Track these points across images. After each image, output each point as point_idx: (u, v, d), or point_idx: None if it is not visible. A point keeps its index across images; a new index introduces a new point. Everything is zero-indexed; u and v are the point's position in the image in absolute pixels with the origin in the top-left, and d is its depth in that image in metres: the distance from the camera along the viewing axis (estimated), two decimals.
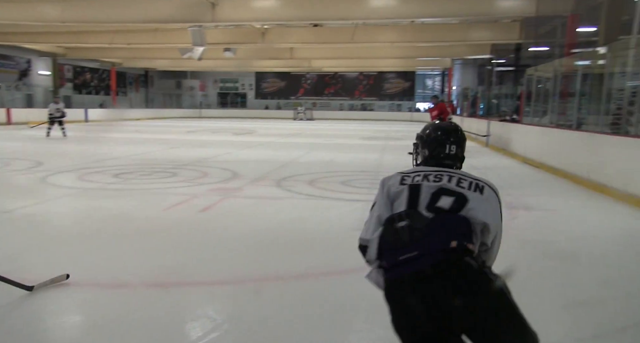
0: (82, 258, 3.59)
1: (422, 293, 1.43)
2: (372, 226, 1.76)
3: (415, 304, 1.43)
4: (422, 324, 1.42)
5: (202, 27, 15.90)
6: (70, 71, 32.47)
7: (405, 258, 1.49)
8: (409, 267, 1.48)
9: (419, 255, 1.48)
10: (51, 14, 15.34)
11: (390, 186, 1.79)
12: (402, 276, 1.49)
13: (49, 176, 7.10)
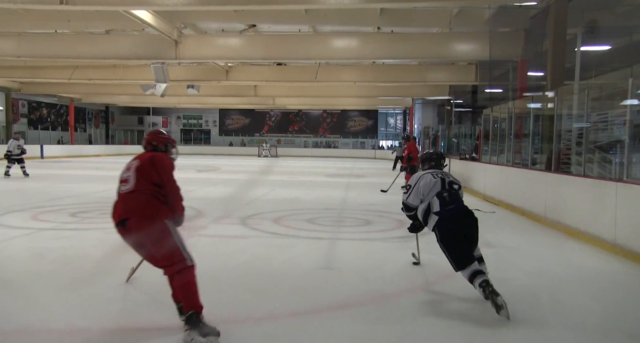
0: (35, 303, 3.39)
1: (459, 221, 3.67)
2: (413, 197, 3.87)
3: (458, 226, 3.65)
4: (460, 233, 3.63)
5: (165, 64, 15.91)
6: (25, 105, 31.51)
7: (449, 208, 3.69)
8: (451, 212, 3.68)
9: (454, 208, 3.71)
10: (5, 48, 14.97)
11: (425, 178, 3.87)
12: (450, 215, 3.67)
13: (0, 216, 6.75)
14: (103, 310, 3.31)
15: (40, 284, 3.90)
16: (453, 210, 3.66)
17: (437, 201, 3.68)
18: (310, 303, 3.58)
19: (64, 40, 14.73)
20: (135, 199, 3.01)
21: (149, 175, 3.06)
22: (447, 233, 3.61)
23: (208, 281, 4.01)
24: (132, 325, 3.11)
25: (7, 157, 13.22)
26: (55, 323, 3.04)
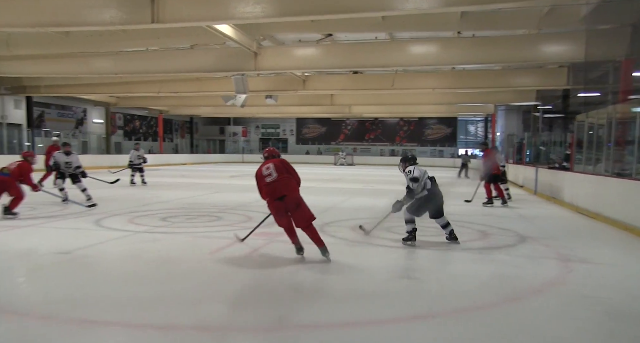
0: (130, 299, 3.60)
1: (437, 194, 5.81)
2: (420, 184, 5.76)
3: (437, 197, 5.79)
4: (437, 202, 5.82)
5: (244, 76, 16.54)
6: (121, 118, 34.29)
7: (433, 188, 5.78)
8: (433, 190, 5.76)
9: (435, 187, 5.82)
10: (105, 67, 16.39)
11: (420, 169, 5.90)
12: (434, 192, 5.76)
13: (102, 219, 7.33)
14: (193, 309, 3.43)
15: (137, 282, 4.14)
16: (435, 190, 5.85)
17: (429, 182, 5.83)
18: (388, 311, 3.49)
19: (153, 56, 15.83)
20: (286, 184, 5.04)
21: (285, 169, 5.20)
22: (426, 202, 5.81)
23: (287, 286, 4.07)
24: (221, 325, 3.19)
25: (130, 166, 14.20)
26: (151, 319, 3.20)
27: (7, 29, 10.81)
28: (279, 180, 4.99)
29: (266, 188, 4.98)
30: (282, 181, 4.99)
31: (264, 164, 5.20)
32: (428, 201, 5.75)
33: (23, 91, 23.41)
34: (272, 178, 4.99)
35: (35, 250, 5.27)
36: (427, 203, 5.76)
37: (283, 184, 4.99)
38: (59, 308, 3.41)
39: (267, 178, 5.00)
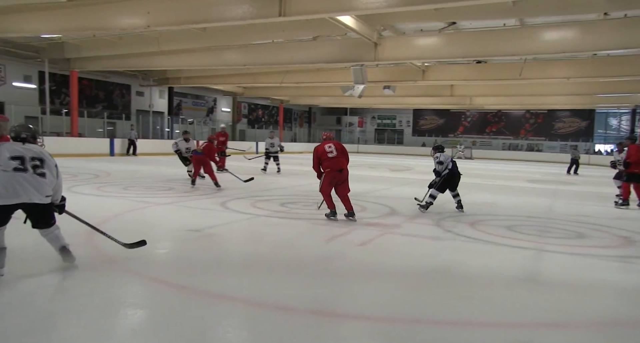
0: (249, 278, 3.86)
1: (456, 174, 7.57)
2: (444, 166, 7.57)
3: (456, 176, 7.55)
4: (455, 180, 7.60)
5: (363, 66, 16.58)
6: (245, 107, 36.63)
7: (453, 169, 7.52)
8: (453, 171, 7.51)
9: (455, 168, 7.54)
10: (235, 58, 17.61)
11: (448, 156, 7.69)
12: (453, 172, 7.49)
13: (228, 202, 7.94)
14: (304, 292, 3.56)
15: (257, 263, 4.42)
16: (455, 170, 7.52)
17: (451, 164, 7.51)
18: (519, 315, 3.27)
19: (278, 48, 16.59)
20: (343, 161, 6.57)
21: (342, 149, 6.65)
22: (448, 179, 7.49)
23: (399, 279, 4.02)
24: (329, 310, 3.27)
25: (266, 154, 14.69)
26: (265, 298, 3.39)
27: (160, 28, 12.14)
28: (339, 157, 6.48)
29: (329, 161, 6.44)
30: (341, 158, 6.52)
31: (326, 143, 6.61)
32: (450, 178, 7.49)
33: (166, 83, 26.17)
34: (333, 154, 6.44)
35: (172, 226, 5.89)
36: (449, 179, 7.50)
37: (342, 161, 6.51)
38: (191, 280, 3.77)
39: (329, 154, 6.46)
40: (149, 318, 3.09)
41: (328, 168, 6.42)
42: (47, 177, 3.72)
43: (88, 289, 3.48)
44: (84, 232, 5.13)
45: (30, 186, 3.60)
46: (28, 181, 3.60)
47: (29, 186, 3.59)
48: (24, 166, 3.61)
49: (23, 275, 3.74)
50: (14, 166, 3.58)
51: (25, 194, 3.57)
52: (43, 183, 3.68)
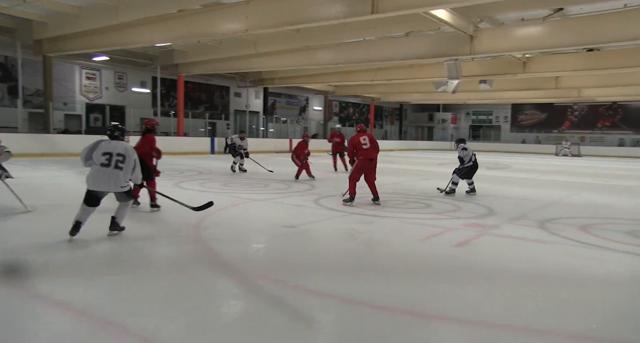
0: (342, 275, 3.89)
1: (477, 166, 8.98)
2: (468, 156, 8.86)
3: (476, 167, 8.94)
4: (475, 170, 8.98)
5: (458, 61, 15.95)
6: (337, 106, 37.02)
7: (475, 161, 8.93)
8: (476, 162, 8.93)
9: (476, 160, 8.94)
10: (327, 58, 17.87)
11: (470, 149, 8.95)
12: (476, 163, 8.92)
13: (320, 199, 8.09)
14: (401, 291, 3.51)
15: (351, 259, 4.45)
16: (477, 162, 8.85)
17: (474, 157, 8.78)
18: (618, 329, 2.95)
19: (370, 46, 16.53)
20: (375, 151, 7.53)
21: (374, 141, 7.56)
22: (471, 169, 8.80)
23: (500, 282, 3.80)
24: (426, 311, 3.18)
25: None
26: (363, 297, 3.39)
27: (257, 31, 12.69)
28: (371, 148, 7.50)
29: (363, 151, 7.44)
30: (374, 149, 7.53)
31: (361, 136, 7.57)
32: (472, 169, 8.85)
33: (262, 83, 27.30)
34: (367, 146, 7.46)
35: (268, 222, 6.12)
36: (471, 170, 8.84)
37: (373, 151, 7.52)
38: (286, 274, 3.90)
39: (363, 145, 7.46)
40: (246, 309, 3.24)
41: (361, 156, 7.45)
42: (124, 170, 4.72)
43: (192, 278, 3.74)
44: (192, 228, 5.51)
45: (110, 179, 4.65)
46: (108, 175, 4.65)
47: (108, 180, 4.65)
48: (109, 161, 4.66)
49: (127, 271, 4.12)
50: (101, 162, 4.64)
51: (106, 186, 4.68)
52: (119, 176, 4.68)
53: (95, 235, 4.87)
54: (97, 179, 4.66)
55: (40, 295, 3.27)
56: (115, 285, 3.54)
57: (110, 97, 23.34)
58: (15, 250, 4.40)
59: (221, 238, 5.12)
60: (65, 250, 4.43)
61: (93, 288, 3.46)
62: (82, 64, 22.08)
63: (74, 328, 2.84)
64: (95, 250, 4.60)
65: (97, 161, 4.66)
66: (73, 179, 10.09)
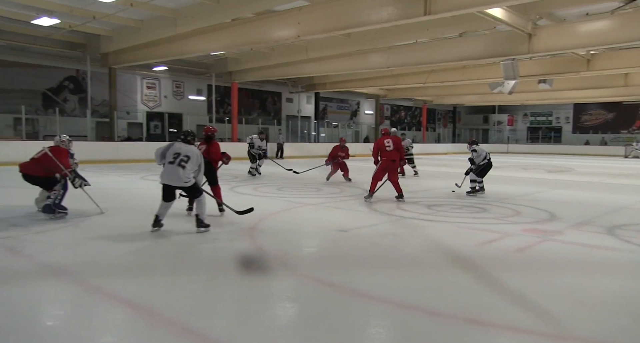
0: (397, 279, 3.83)
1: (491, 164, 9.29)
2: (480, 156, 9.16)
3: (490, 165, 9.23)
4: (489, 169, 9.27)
5: (515, 60, 15.37)
6: (388, 109, 36.71)
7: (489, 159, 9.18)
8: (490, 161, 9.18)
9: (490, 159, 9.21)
10: (378, 61, 17.77)
11: (482, 148, 9.31)
12: (490, 162, 9.20)
13: (373, 204, 8.04)
14: (460, 297, 3.41)
15: (405, 265, 4.38)
16: (490, 161, 9.12)
17: (488, 156, 9.08)
18: None
19: (422, 48, 16.28)
20: (398, 153, 8.15)
21: (397, 144, 8.17)
22: (485, 167, 9.10)
23: (568, 293, 3.59)
24: (488, 319, 3.08)
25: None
26: (420, 303, 3.33)
27: (308, 36, 12.84)
28: (394, 150, 8.15)
29: (386, 153, 8.12)
30: (397, 152, 8.18)
31: (385, 139, 8.26)
32: (486, 167, 9.15)
33: (313, 88, 27.57)
34: (390, 148, 8.14)
35: (321, 226, 6.15)
36: (486, 168, 9.15)
37: (396, 154, 8.16)
38: (340, 278, 3.89)
39: (387, 147, 8.13)
40: (302, 312, 3.26)
41: (385, 157, 8.14)
42: (186, 168, 5.35)
43: (247, 280, 3.82)
44: (246, 232, 5.64)
45: (173, 174, 5.35)
46: (172, 171, 5.35)
47: (172, 175, 5.35)
48: (175, 160, 5.36)
49: (191, 268, 4.26)
50: (169, 160, 5.39)
51: (172, 180, 5.37)
52: (179, 173, 5.33)
53: (158, 235, 5.09)
54: (165, 174, 5.42)
55: (108, 293, 3.45)
56: (175, 285, 3.68)
57: (168, 106, 24.38)
58: (98, 248, 4.68)
59: (275, 241, 5.20)
60: (125, 249, 4.67)
61: (154, 286, 3.61)
62: (143, 75, 23.23)
63: (138, 324, 2.98)
64: (155, 248, 4.80)
65: (167, 159, 5.41)
66: (136, 184, 10.61)
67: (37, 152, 6.25)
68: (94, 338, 2.78)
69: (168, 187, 5.43)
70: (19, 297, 3.35)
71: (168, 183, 5.40)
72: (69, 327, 2.93)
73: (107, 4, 12.28)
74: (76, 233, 5.42)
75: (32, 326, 2.89)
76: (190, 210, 6.57)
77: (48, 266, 4.10)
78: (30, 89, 20.04)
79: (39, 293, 3.45)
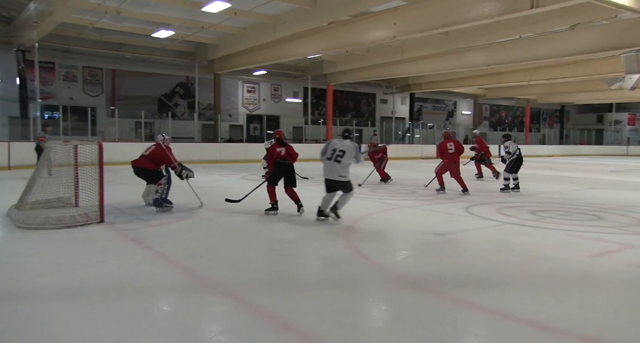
0: (498, 288, 3.62)
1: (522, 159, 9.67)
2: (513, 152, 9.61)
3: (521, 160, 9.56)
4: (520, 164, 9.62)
5: (639, 52, 13.85)
6: (487, 109, 34.97)
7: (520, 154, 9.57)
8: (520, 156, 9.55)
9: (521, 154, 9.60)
10: (477, 59, 17.02)
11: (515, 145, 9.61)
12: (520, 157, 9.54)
13: (471, 207, 7.71)
14: (572, 312, 3.14)
15: (507, 274, 4.13)
16: (521, 156, 9.50)
17: (518, 151, 9.44)
18: None
19: (527, 43, 15.30)
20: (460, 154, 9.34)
21: (459, 148, 9.33)
22: (516, 163, 9.40)
23: None
24: (595, 336, 2.80)
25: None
26: (524, 314, 3.13)
27: (404, 36, 12.69)
28: (455, 152, 9.19)
29: (448, 154, 9.20)
30: (457, 153, 9.23)
31: (447, 142, 9.25)
32: (517, 162, 9.39)
33: (408, 89, 27.16)
34: (452, 150, 9.16)
35: (416, 229, 6.02)
36: (517, 163, 9.39)
37: (457, 155, 9.22)
38: (437, 284, 3.78)
39: (449, 150, 9.19)
40: (401, 314, 3.22)
41: (447, 159, 9.19)
42: (342, 163, 5.97)
43: (344, 281, 3.86)
44: (342, 231, 5.71)
45: (331, 169, 6.02)
46: (330, 166, 6.03)
47: (330, 169, 6.04)
48: (332, 155, 6.02)
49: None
50: (327, 156, 6.06)
51: (330, 174, 6.05)
52: (336, 167, 5.97)
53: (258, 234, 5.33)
54: (325, 169, 6.10)
55: (215, 285, 3.68)
56: (273, 278, 3.83)
57: (266, 108, 25.49)
58: (202, 241, 5.06)
59: (370, 243, 5.20)
60: (228, 241, 4.96)
61: (251, 280, 3.79)
62: (244, 79, 24.55)
63: (240, 315, 3.14)
64: (254, 242, 5.05)
65: (328, 155, 6.06)
66: (238, 183, 11.23)
67: (146, 149, 6.91)
68: (201, 327, 2.99)
69: (329, 181, 6.08)
70: (138, 285, 3.71)
71: (328, 178, 6.05)
72: (176, 311, 3.18)
73: (214, 14, 13.16)
74: (185, 226, 5.88)
75: (146, 312, 3.19)
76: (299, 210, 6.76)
77: (163, 256, 4.48)
78: (148, 95, 22.16)
79: (152, 279, 3.79)
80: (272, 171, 6.69)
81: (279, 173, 6.63)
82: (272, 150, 6.72)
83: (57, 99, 19.54)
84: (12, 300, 3.31)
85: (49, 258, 4.38)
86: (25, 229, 5.45)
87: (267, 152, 7.02)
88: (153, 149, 6.92)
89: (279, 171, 6.62)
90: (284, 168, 6.62)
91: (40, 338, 2.72)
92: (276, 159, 6.65)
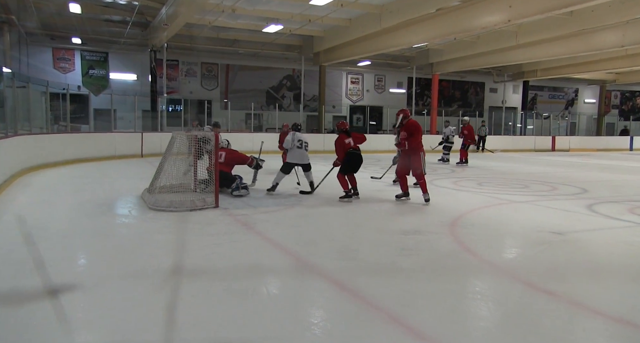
0: (630, 296, 3.25)
1: None
2: None
3: None
4: None
5: None
6: (617, 96, 31.38)
7: None
8: None
9: None
10: (609, 41, 15.24)
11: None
12: None
13: (595, 205, 7.01)
14: None
15: (633, 279, 3.71)
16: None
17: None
18: None
19: None
20: None
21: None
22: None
23: None
24: None
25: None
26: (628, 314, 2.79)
27: (520, 20, 11.77)
28: None
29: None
30: None
31: None
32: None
33: (521, 77, 25.29)
34: None
35: (530, 226, 5.61)
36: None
37: None
38: (558, 286, 3.50)
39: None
40: (514, 315, 3.05)
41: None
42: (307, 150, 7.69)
43: (449, 277, 3.74)
44: (447, 226, 5.55)
45: (302, 155, 7.62)
46: (300, 153, 7.60)
47: (300, 156, 7.61)
48: (302, 145, 7.62)
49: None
50: (297, 145, 7.58)
51: (302, 159, 7.64)
52: (305, 154, 7.66)
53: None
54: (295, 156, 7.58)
55: (319, 272, 3.79)
56: (377, 271, 3.84)
57: (370, 99, 25.42)
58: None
59: (478, 239, 4.97)
60: (331, 235, 5.05)
61: (358, 268, 3.83)
62: (348, 70, 24.70)
63: (345, 304, 3.20)
64: (363, 233, 5.09)
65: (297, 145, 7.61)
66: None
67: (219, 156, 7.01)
68: (308, 312, 3.10)
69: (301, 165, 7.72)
70: (249, 266, 3.95)
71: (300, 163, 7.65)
72: (285, 295, 3.33)
73: (321, 7, 13.38)
74: (293, 214, 6.13)
75: (256, 292, 3.38)
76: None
77: (272, 241, 4.72)
78: (257, 88, 23.33)
79: (262, 263, 4.00)
80: (344, 161, 7.15)
81: (352, 162, 7.13)
82: (341, 142, 7.19)
83: (180, 93, 21.42)
84: (151, 276, 3.72)
85: (179, 237, 4.86)
86: (155, 210, 6.07)
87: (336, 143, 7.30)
88: (225, 154, 7.45)
89: (352, 160, 7.11)
90: (356, 158, 7.15)
91: (179, 306, 3.02)
92: (348, 150, 7.11)
